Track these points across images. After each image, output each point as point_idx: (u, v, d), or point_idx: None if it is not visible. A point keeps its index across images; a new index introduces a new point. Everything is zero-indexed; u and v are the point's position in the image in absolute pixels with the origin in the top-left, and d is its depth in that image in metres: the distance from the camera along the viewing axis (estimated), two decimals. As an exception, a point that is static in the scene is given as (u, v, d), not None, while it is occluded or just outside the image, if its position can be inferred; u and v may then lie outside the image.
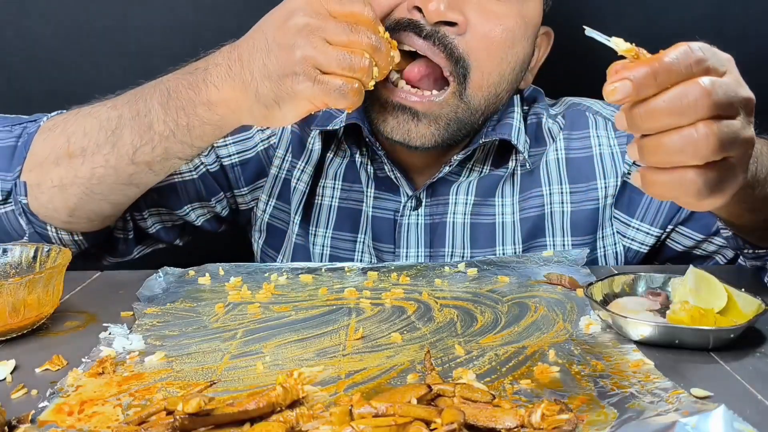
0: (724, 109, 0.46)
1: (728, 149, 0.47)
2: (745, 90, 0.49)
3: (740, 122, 0.48)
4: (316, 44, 0.62)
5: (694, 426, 0.41)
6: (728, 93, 0.47)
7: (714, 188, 0.48)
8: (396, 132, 0.79)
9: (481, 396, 0.47)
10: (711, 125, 0.46)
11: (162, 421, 0.44)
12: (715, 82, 0.46)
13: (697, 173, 0.47)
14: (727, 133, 0.46)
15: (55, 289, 0.64)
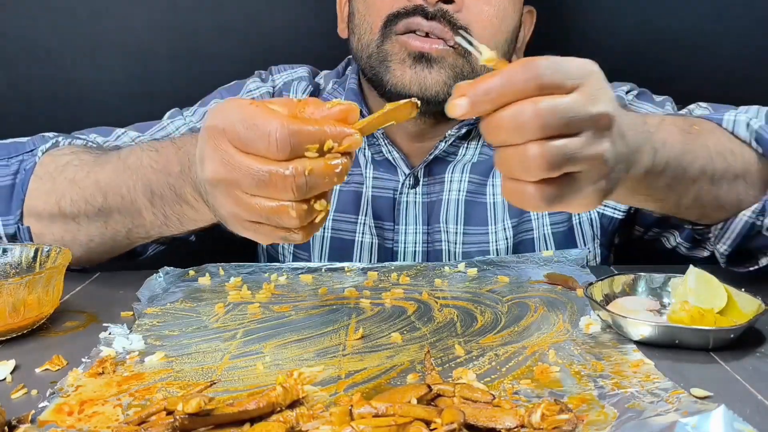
0: (559, 128, 0.46)
1: (564, 167, 0.46)
2: (596, 106, 0.47)
3: (584, 139, 0.47)
4: (237, 200, 0.51)
5: (694, 426, 0.41)
6: (566, 112, 0.46)
7: (554, 201, 0.48)
8: (413, 82, 0.82)
9: (481, 396, 0.47)
10: (541, 146, 0.45)
11: (162, 421, 0.44)
12: (548, 103, 0.45)
13: (534, 188, 0.47)
14: (561, 153, 0.46)
15: (55, 289, 0.64)
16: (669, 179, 0.60)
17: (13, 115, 1.17)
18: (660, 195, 0.62)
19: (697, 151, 0.62)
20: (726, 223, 0.68)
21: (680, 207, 0.65)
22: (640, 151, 0.55)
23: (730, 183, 0.64)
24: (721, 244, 0.70)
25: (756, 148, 0.65)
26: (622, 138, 0.51)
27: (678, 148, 0.60)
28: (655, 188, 0.60)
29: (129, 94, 1.17)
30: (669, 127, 0.61)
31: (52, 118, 1.17)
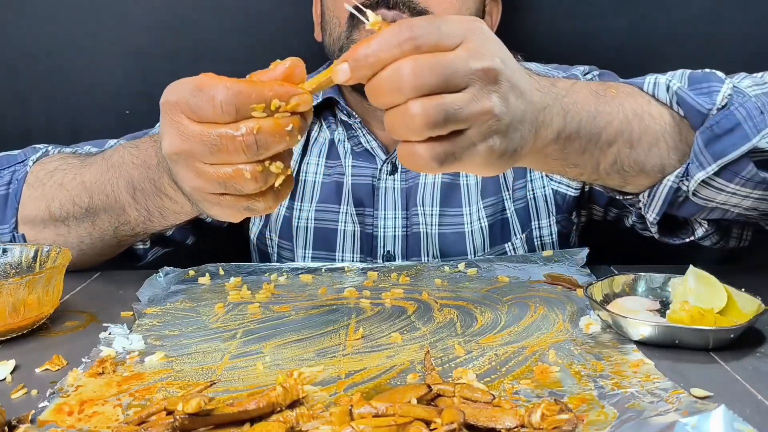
0: (439, 85, 0.45)
1: (449, 124, 0.46)
2: (480, 61, 0.47)
3: (467, 95, 0.47)
4: (196, 171, 0.51)
5: (694, 426, 0.41)
6: (445, 68, 0.45)
7: (446, 160, 0.47)
8: None
9: (481, 396, 0.47)
10: (421, 103, 0.45)
11: (162, 421, 0.44)
12: (425, 60, 0.45)
13: (423, 147, 0.47)
14: (443, 110, 0.46)
15: (55, 289, 0.64)
16: (584, 142, 0.59)
17: (13, 115, 1.17)
18: (576, 159, 0.60)
19: (613, 113, 0.60)
20: (652, 190, 0.65)
21: (599, 173, 0.62)
22: (548, 111, 0.54)
23: (650, 146, 0.62)
24: (650, 213, 0.66)
25: (677, 110, 0.62)
26: (519, 95, 0.50)
27: (591, 110, 0.59)
28: (570, 152, 0.59)
29: (129, 94, 1.16)
30: (582, 90, 0.59)
31: (52, 119, 1.17)
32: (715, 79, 0.62)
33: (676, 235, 0.71)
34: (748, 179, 0.60)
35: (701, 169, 0.60)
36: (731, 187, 0.61)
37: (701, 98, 0.60)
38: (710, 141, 0.59)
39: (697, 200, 0.63)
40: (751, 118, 0.59)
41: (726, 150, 0.59)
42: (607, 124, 0.59)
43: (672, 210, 0.66)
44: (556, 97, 0.56)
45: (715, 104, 0.60)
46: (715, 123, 0.59)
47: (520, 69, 0.52)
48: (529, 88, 0.51)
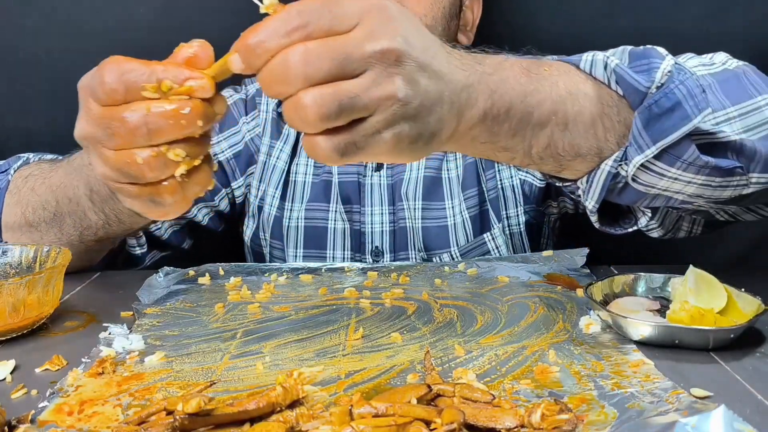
0: (332, 72, 0.43)
1: (346, 113, 0.43)
2: (377, 42, 0.43)
3: (365, 81, 0.43)
4: (102, 157, 0.50)
5: (694, 426, 0.41)
6: (337, 54, 0.42)
7: (348, 152, 0.45)
8: None
9: (481, 396, 0.47)
10: (312, 94, 0.42)
11: (162, 421, 0.44)
12: (315, 46, 0.42)
13: (322, 139, 0.44)
14: (336, 99, 0.43)
15: (55, 289, 0.64)
16: (514, 124, 0.54)
17: (13, 115, 1.17)
18: (506, 142, 0.55)
19: (546, 92, 0.55)
20: (590, 176, 0.59)
21: (532, 157, 0.57)
22: (472, 90, 0.50)
23: (586, 128, 0.56)
24: (588, 200, 0.60)
25: (615, 90, 0.57)
26: (433, 75, 0.46)
27: (522, 89, 0.54)
28: (499, 134, 0.54)
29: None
30: (512, 67, 0.54)
31: (52, 119, 1.17)
32: (656, 55, 0.57)
33: (619, 225, 0.66)
34: (690, 163, 0.56)
35: (640, 153, 0.55)
36: (672, 172, 0.57)
37: (640, 76, 0.55)
38: (649, 122, 0.55)
39: (638, 186, 0.58)
40: (692, 96, 0.55)
41: (666, 131, 0.54)
42: (539, 104, 0.54)
43: (611, 197, 0.61)
44: (483, 75, 0.51)
45: (654, 82, 0.55)
46: (654, 102, 0.54)
47: (435, 47, 0.48)
48: (447, 67, 0.48)
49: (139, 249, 0.91)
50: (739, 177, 0.58)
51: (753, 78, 0.62)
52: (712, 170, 0.57)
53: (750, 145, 0.57)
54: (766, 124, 0.59)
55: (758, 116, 0.59)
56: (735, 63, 0.64)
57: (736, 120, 0.58)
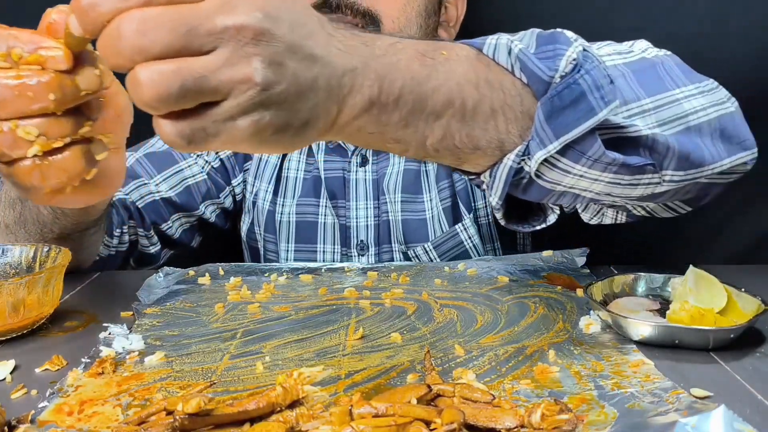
0: (175, 47, 0.37)
1: (192, 96, 0.38)
2: (232, 15, 0.38)
3: (217, 59, 0.38)
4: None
5: (694, 426, 0.41)
6: (181, 24, 0.37)
7: (196, 139, 0.40)
8: None
9: (481, 396, 0.47)
10: (149, 70, 0.37)
11: (162, 421, 0.44)
12: (152, 13, 0.37)
13: (166, 123, 0.39)
14: (178, 79, 0.37)
15: (55, 289, 0.64)
16: (405, 113, 0.48)
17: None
18: (397, 133, 0.49)
19: (441, 79, 0.49)
20: (492, 170, 0.54)
21: (427, 149, 0.51)
22: (356, 75, 0.45)
23: (486, 120, 0.51)
24: (492, 195, 0.55)
25: (520, 77, 0.51)
26: (304, 58, 0.41)
27: (415, 75, 0.48)
28: (389, 124, 0.48)
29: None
30: (405, 50, 0.49)
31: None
32: (563, 40, 0.51)
33: (527, 222, 0.61)
34: (595, 160, 0.51)
35: (542, 147, 0.50)
36: (578, 169, 0.52)
37: (544, 63, 0.50)
38: (552, 114, 0.50)
39: (542, 183, 0.53)
40: (598, 88, 0.50)
41: (569, 125, 0.49)
42: (434, 92, 0.49)
43: (516, 193, 0.56)
44: (369, 58, 0.46)
45: (558, 70, 0.49)
46: (557, 93, 0.49)
47: (310, 25, 0.43)
48: (324, 49, 0.43)
49: (152, 248, 0.94)
50: (650, 175, 0.55)
51: (671, 68, 0.58)
52: (620, 167, 0.53)
53: (663, 141, 0.53)
54: (683, 119, 0.55)
55: (675, 109, 0.55)
56: (654, 51, 0.60)
57: (651, 113, 0.54)
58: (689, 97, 0.57)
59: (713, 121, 0.57)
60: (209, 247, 1.05)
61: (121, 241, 0.90)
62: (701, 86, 0.59)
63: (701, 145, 0.56)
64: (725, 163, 0.58)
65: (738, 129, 0.60)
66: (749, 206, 1.17)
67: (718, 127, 0.58)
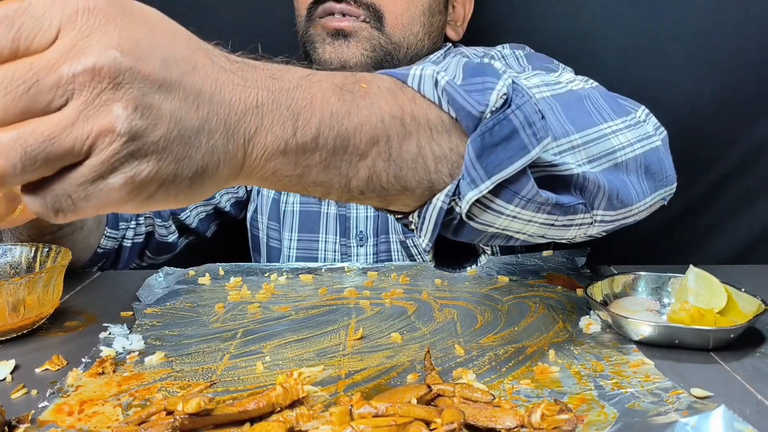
0: (18, 110, 0.33)
1: (47, 161, 0.33)
2: (79, 59, 0.33)
3: (69, 114, 0.33)
4: None
5: (694, 426, 0.41)
6: (20, 82, 0.33)
7: (64, 207, 0.35)
8: (333, 57, 0.88)
9: (481, 396, 0.47)
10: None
11: (162, 421, 0.44)
12: None
13: (28, 196, 0.35)
14: (21, 145, 0.33)
15: (55, 289, 0.64)
16: (326, 154, 0.43)
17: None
18: (318, 176, 0.44)
19: (364, 116, 0.44)
20: (421, 210, 0.49)
21: (351, 192, 0.46)
22: (263, 113, 0.40)
23: (414, 158, 0.47)
24: (422, 238, 0.50)
25: (448, 111, 0.47)
26: (184, 97, 0.36)
27: (334, 110, 0.43)
28: (309, 168, 0.43)
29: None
30: (321, 83, 0.44)
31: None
32: (491, 72, 0.48)
33: (458, 264, 0.56)
34: (528, 200, 0.48)
35: (473, 187, 0.46)
36: (511, 209, 0.48)
37: (473, 97, 0.46)
38: (483, 152, 0.46)
39: (474, 224, 0.49)
40: (530, 124, 0.47)
41: (502, 164, 0.46)
42: (356, 131, 0.44)
43: (446, 234, 0.51)
44: (278, 92, 0.41)
45: (489, 105, 0.46)
46: (488, 130, 0.46)
47: (194, 58, 0.37)
48: (214, 84, 0.38)
49: (171, 237, 0.97)
50: (582, 215, 0.52)
51: (598, 101, 0.57)
52: (553, 207, 0.50)
53: (593, 179, 0.51)
54: (611, 155, 0.53)
55: (603, 144, 0.53)
56: (581, 84, 0.59)
57: (581, 149, 0.52)
58: (617, 132, 0.55)
59: (639, 157, 0.56)
60: (221, 239, 1.07)
61: (137, 233, 0.93)
62: (628, 120, 0.57)
63: (628, 183, 0.55)
64: (648, 201, 0.57)
65: (662, 164, 0.58)
66: (749, 205, 1.17)
67: (644, 164, 0.56)
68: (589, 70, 0.96)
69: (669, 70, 1.12)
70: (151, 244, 0.96)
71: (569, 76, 0.60)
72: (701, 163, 1.15)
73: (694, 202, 1.16)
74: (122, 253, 0.92)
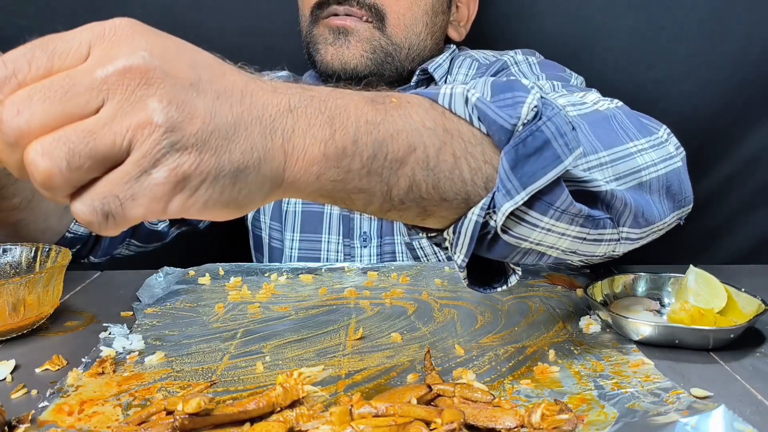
0: (58, 116, 0.34)
1: (92, 160, 0.34)
2: (110, 64, 0.35)
3: (107, 113, 0.35)
4: None
5: (694, 426, 0.41)
6: (58, 90, 0.34)
7: (112, 208, 0.35)
8: (334, 59, 0.89)
9: (481, 396, 0.47)
10: (34, 146, 0.34)
11: (162, 421, 0.44)
12: (25, 91, 0.34)
13: (77, 202, 0.36)
14: (66, 144, 0.34)
15: (55, 289, 0.64)
16: (365, 159, 0.43)
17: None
18: (361, 182, 0.44)
19: (399, 124, 0.45)
20: (456, 226, 0.50)
21: (392, 201, 0.46)
22: (299, 115, 0.40)
23: (451, 168, 0.47)
24: (457, 254, 0.51)
25: (479, 127, 0.48)
26: (215, 95, 0.37)
27: (369, 118, 0.44)
28: (351, 171, 0.43)
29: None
30: (350, 95, 0.45)
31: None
32: (520, 87, 0.49)
33: (489, 285, 0.56)
34: (563, 211, 0.48)
35: (509, 198, 0.47)
36: (545, 221, 0.49)
37: (504, 111, 0.47)
38: (517, 163, 0.47)
39: (508, 239, 0.49)
40: (562, 135, 0.47)
41: (536, 174, 0.46)
42: (393, 137, 0.44)
43: (480, 250, 0.52)
44: (311, 99, 0.42)
45: (521, 118, 0.47)
46: (521, 141, 0.47)
47: (222, 66, 0.39)
48: (245, 86, 0.39)
49: (160, 224, 0.95)
50: (611, 230, 0.53)
51: (623, 121, 0.58)
52: (586, 220, 0.50)
53: (620, 196, 0.52)
54: (636, 174, 0.54)
55: (629, 163, 0.54)
56: (606, 104, 0.60)
57: (608, 166, 0.53)
58: (642, 152, 0.56)
59: (662, 177, 0.57)
60: (221, 239, 1.06)
61: None
62: (652, 140, 0.58)
63: (651, 202, 0.56)
64: (667, 220, 0.58)
65: (682, 185, 0.59)
66: (750, 207, 1.17)
67: (665, 184, 0.57)
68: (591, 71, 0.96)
69: (670, 71, 1.12)
70: (139, 231, 0.95)
71: (594, 97, 0.61)
72: (703, 165, 1.15)
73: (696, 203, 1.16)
74: (101, 240, 0.91)
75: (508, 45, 0.99)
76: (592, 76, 0.92)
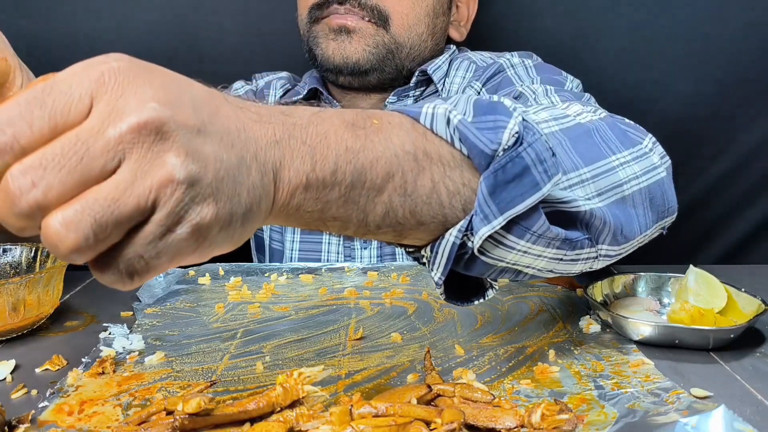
0: (75, 182, 0.33)
1: (115, 226, 0.33)
2: (123, 120, 0.33)
3: (125, 175, 0.33)
4: None
5: (694, 426, 0.41)
6: (71, 154, 0.33)
7: (139, 269, 0.35)
8: (336, 53, 0.88)
9: (481, 396, 0.47)
10: (54, 219, 0.33)
11: (162, 421, 0.44)
12: (34, 160, 0.32)
13: (102, 265, 0.35)
14: (89, 214, 0.32)
15: (55, 289, 0.64)
16: (345, 189, 0.44)
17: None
18: (338, 211, 0.45)
19: (378, 151, 0.45)
20: (434, 245, 0.50)
21: (368, 226, 0.47)
22: (283, 147, 0.41)
23: (429, 193, 0.47)
24: (434, 271, 0.51)
25: (460, 149, 0.48)
26: (219, 138, 0.37)
27: (348, 145, 0.44)
28: (329, 201, 0.43)
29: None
30: (331, 119, 0.44)
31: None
32: (502, 110, 0.48)
33: (466, 298, 0.56)
34: (540, 235, 0.49)
35: (486, 223, 0.47)
36: (522, 245, 0.49)
37: (485, 135, 0.47)
38: (495, 189, 0.47)
39: (486, 259, 0.50)
40: (541, 161, 0.47)
41: (514, 200, 0.47)
42: (372, 165, 0.44)
43: (458, 268, 0.52)
44: (293, 129, 0.42)
45: (501, 144, 0.47)
46: (501, 168, 0.47)
47: (211, 99, 0.38)
48: (238, 121, 0.39)
49: None
50: (588, 249, 0.53)
51: (606, 134, 0.57)
52: (563, 243, 0.51)
53: (600, 215, 0.52)
54: (618, 188, 0.54)
55: (611, 178, 0.54)
56: (589, 116, 0.59)
57: (589, 182, 0.53)
58: (624, 165, 0.56)
59: (644, 190, 0.56)
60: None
61: None
62: (635, 151, 0.58)
63: (633, 216, 0.56)
64: (648, 232, 0.58)
65: (665, 196, 0.59)
66: (748, 204, 1.17)
67: (648, 196, 0.57)
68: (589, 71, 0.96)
69: (668, 70, 1.12)
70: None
71: (576, 108, 0.60)
72: (700, 164, 1.15)
73: (693, 202, 1.16)
74: None
75: (507, 45, 0.99)
76: (590, 75, 0.92)
